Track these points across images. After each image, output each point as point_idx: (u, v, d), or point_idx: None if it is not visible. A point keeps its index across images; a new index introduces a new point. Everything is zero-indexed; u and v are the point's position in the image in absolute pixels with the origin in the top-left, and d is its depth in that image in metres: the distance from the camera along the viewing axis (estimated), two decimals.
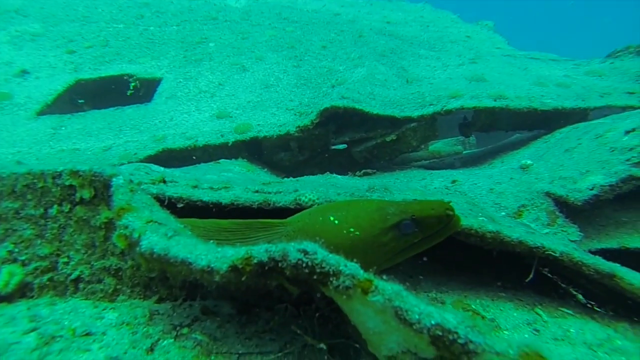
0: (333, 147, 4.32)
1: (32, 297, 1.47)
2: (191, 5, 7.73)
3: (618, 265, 1.66)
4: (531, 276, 1.69)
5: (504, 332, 1.48)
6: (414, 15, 8.21)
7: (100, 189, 1.44)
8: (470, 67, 5.61)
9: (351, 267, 0.82)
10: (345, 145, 4.42)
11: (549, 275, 2.21)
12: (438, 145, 7.51)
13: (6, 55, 5.61)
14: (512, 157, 4.23)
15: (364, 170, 4.52)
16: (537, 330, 1.50)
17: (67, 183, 1.46)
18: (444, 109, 4.37)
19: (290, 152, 4.61)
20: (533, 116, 4.65)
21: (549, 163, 3.07)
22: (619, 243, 2.37)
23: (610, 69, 5.08)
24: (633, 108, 4.30)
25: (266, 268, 0.89)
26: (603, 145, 2.68)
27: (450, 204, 1.47)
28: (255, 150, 4.65)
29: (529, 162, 3.28)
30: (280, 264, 0.87)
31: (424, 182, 3.67)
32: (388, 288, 0.76)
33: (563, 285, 2.18)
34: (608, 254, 2.44)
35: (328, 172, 3.74)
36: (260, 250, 0.90)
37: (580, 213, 2.61)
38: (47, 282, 1.47)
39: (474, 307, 1.61)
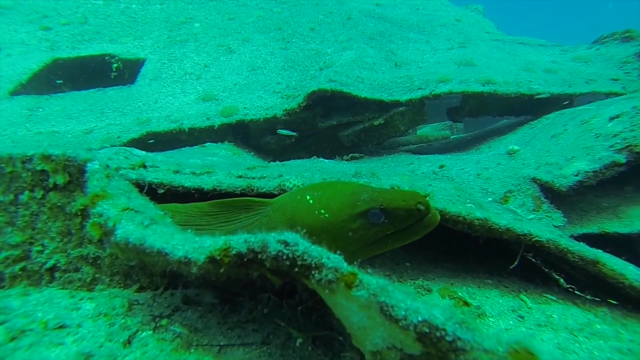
0: (279, 131, 4.19)
1: (3, 287, 1.41)
2: None
3: (601, 251, 1.67)
4: (515, 263, 1.70)
5: (490, 319, 1.49)
6: None
7: (75, 174, 1.37)
8: (459, 52, 5.55)
9: (334, 260, 0.79)
10: (294, 133, 4.29)
11: (533, 260, 2.23)
12: (426, 130, 7.50)
13: None
14: (499, 142, 4.24)
15: (351, 155, 4.48)
16: (522, 317, 1.51)
17: (38, 168, 1.39)
18: (433, 93, 4.33)
19: (277, 135, 4.54)
20: (521, 101, 4.65)
21: (536, 149, 3.07)
22: (600, 228, 2.41)
23: (596, 55, 5.10)
24: (616, 94, 4.34)
25: (245, 259, 0.85)
26: (588, 131, 2.69)
27: (430, 196, 1.41)
28: (242, 133, 4.56)
29: (516, 147, 3.28)
30: (259, 256, 0.84)
31: (411, 166, 3.65)
32: (373, 282, 0.73)
33: (546, 270, 2.20)
34: (588, 239, 2.49)
35: (315, 157, 3.70)
36: (239, 241, 0.86)
37: (564, 199, 2.63)
38: (20, 272, 1.41)
39: (460, 294, 1.62)
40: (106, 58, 5.42)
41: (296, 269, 0.81)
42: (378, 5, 7.47)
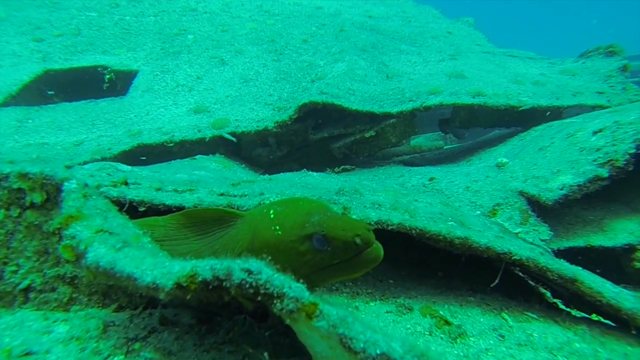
0: (223, 134, 4.02)
1: None
2: None
3: (580, 268, 1.68)
4: (496, 282, 1.70)
5: (470, 338, 1.48)
6: (395, 10, 8.18)
7: (53, 193, 1.36)
8: (450, 63, 5.61)
9: (296, 289, 0.78)
10: (234, 139, 4.16)
11: (520, 274, 2.23)
12: (419, 140, 7.55)
13: None
14: (489, 154, 4.26)
15: (342, 167, 4.49)
16: (502, 336, 1.50)
17: (15, 186, 1.38)
18: (423, 105, 4.36)
19: (268, 147, 4.55)
20: (510, 113, 4.70)
21: (524, 161, 3.09)
22: (585, 241, 2.42)
23: (582, 69, 5.18)
24: (602, 107, 4.40)
25: (210, 287, 0.84)
26: (573, 144, 2.71)
27: (412, 214, 1.38)
28: (233, 145, 4.56)
29: (504, 160, 3.30)
30: (224, 283, 0.83)
31: (401, 179, 3.66)
32: (333, 313, 0.72)
33: (532, 284, 2.20)
34: (575, 252, 2.50)
35: (305, 170, 3.69)
36: (205, 267, 0.85)
37: (551, 211, 2.64)
38: None
39: (442, 313, 1.60)
40: (99, 69, 5.42)
41: (259, 297, 0.80)
42: (371, 18, 7.56)
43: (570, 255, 2.41)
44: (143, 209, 1.58)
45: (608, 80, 5.03)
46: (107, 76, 5.40)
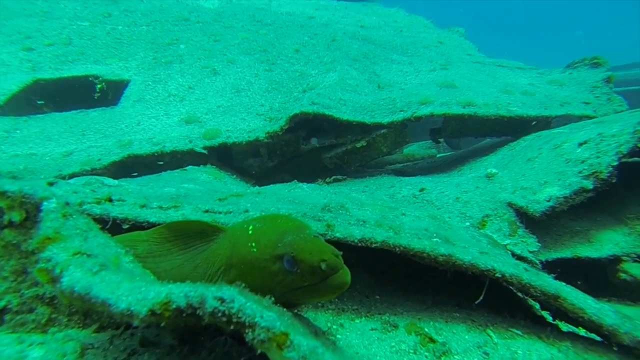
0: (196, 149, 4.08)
1: None
2: (162, 5, 7.53)
3: (563, 284, 1.69)
4: (480, 298, 1.70)
5: (455, 356, 1.47)
6: (387, 20, 8.26)
7: (32, 212, 1.34)
8: (441, 73, 5.67)
9: (268, 319, 0.77)
10: (205, 152, 4.16)
11: (509, 287, 2.23)
12: (412, 149, 7.58)
13: None
14: (480, 163, 4.29)
15: (334, 177, 4.48)
16: (487, 354, 1.49)
17: None
18: (414, 116, 4.38)
19: (260, 158, 4.54)
20: (500, 123, 4.74)
21: (513, 172, 3.12)
22: (572, 252, 2.44)
23: (569, 79, 5.26)
24: (588, 117, 4.47)
25: (184, 315, 0.83)
26: (560, 156, 2.74)
27: (397, 230, 1.37)
28: (225, 156, 4.55)
29: (494, 170, 3.32)
30: (198, 311, 0.82)
31: (392, 189, 3.67)
32: (304, 344, 0.72)
33: (520, 296, 2.20)
34: (563, 263, 2.51)
35: (295, 181, 3.69)
36: (180, 294, 0.84)
37: (539, 222, 2.66)
38: None
39: (427, 330, 1.60)
40: (90, 79, 5.40)
41: (232, 326, 0.79)
42: (362, 27, 7.63)
43: (559, 265, 2.42)
44: (127, 226, 1.57)
45: (594, 91, 5.12)
46: (99, 86, 5.38)
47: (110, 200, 1.62)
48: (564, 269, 2.55)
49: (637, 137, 2.39)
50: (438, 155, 7.34)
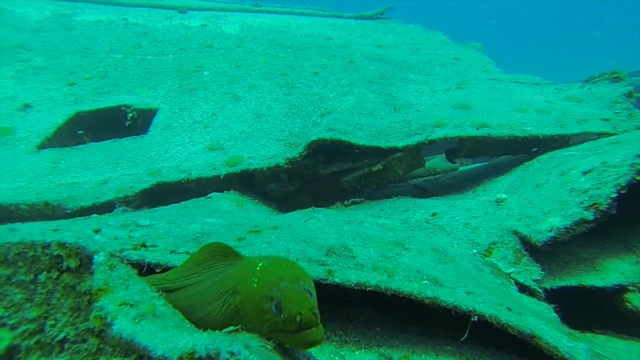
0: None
1: (18, 359, 1.63)
2: (187, 33, 7.97)
3: (542, 323, 1.81)
4: (465, 336, 1.84)
5: None
6: (404, 38, 8.40)
7: (85, 260, 1.60)
8: (456, 93, 5.76)
9: None
10: None
11: None
12: (435, 161, 7.66)
13: (10, 89, 5.84)
14: (493, 185, 4.36)
15: (352, 200, 4.67)
16: None
17: (55, 253, 1.62)
18: (428, 139, 4.51)
19: (280, 182, 4.78)
20: (516, 142, 4.79)
21: (521, 198, 3.21)
22: (578, 281, 2.51)
23: (588, 95, 5.24)
24: (607, 134, 4.46)
25: None
26: (565, 184, 2.82)
27: (391, 273, 1.51)
28: (247, 181, 4.81)
29: (504, 195, 3.42)
30: None
31: (406, 214, 3.81)
32: None
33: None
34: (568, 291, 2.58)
35: (313, 207, 3.89)
36: (201, 347, 1.06)
37: (545, 250, 2.74)
38: (34, 345, 1.62)
39: None
40: (122, 108, 5.82)
41: None
42: (380, 47, 7.80)
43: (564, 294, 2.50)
44: (159, 270, 1.82)
45: (614, 107, 5.08)
46: (130, 115, 5.78)
47: (145, 245, 1.88)
48: (580, 297, 2.59)
49: (635, 170, 2.45)
50: (460, 169, 7.39)
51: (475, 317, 1.76)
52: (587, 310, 2.82)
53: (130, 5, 9.17)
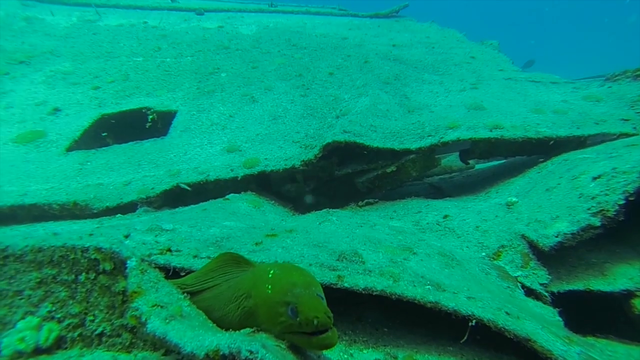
0: (179, 184, 4.47)
1: (65, 348, 1.82)
2: (205, 35, 8.15)
3: (538, 327, 1.89)
4: (465, 338, 1.94)
5: None
6: (419, 36, 8.39)
7: (119, 264, 1.78)
8: (470, 94, 5.77)
9: None
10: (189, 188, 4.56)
11: None
12: (451, 159, 7.66)
13: (42, 94, 6.15)
14: (506, 187, 4.39)
15: (366, 200, 4.77)
16: None
17: (92, 257, 1.81)
18: (441, 141, 4.57)
19: (296, 183, 4.91)
20: (530, 143, 4.80)
21: (531, 202, 3.25)
22: (585, 285, 2.56)
23: (607, 94, 5.17)
24: (627, 135, 4.41)
25: (227, 358, 1.20)
26: (575, 189, 2.86)
27: (396, 278, 1.62)
28: (263, 182, 4.97)
29: (514, 199, 3.47)
30: (236, 357, 1.18)
31: (418, 215, 3.89)
32: None
33: None
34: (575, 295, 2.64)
35: (327, 209, 4.02)
36: (225, 345, 1.22)
37: (553, 254, 2.79)
38: (77, 337, 1.82)
39: None
40: (143, 111, 6.03)
41: None
42: (394, 47, 7.81)
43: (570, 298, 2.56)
44: (183, 274, 1.99)
45: (635, 106, 5.00)
46: (150, 117, 5.98)
47: (170, 250, 2.05)
48: (591, 301, 2.62)
49: None
50: (476, 167, 7.37)
51: (474, 321, 1.87)
52: (599, 313, 2.86)
53: (150, 8, 9.42)
